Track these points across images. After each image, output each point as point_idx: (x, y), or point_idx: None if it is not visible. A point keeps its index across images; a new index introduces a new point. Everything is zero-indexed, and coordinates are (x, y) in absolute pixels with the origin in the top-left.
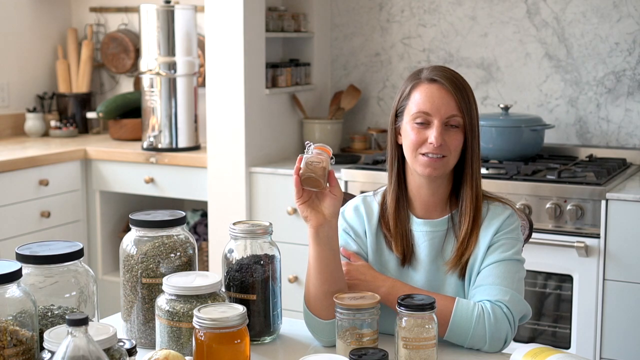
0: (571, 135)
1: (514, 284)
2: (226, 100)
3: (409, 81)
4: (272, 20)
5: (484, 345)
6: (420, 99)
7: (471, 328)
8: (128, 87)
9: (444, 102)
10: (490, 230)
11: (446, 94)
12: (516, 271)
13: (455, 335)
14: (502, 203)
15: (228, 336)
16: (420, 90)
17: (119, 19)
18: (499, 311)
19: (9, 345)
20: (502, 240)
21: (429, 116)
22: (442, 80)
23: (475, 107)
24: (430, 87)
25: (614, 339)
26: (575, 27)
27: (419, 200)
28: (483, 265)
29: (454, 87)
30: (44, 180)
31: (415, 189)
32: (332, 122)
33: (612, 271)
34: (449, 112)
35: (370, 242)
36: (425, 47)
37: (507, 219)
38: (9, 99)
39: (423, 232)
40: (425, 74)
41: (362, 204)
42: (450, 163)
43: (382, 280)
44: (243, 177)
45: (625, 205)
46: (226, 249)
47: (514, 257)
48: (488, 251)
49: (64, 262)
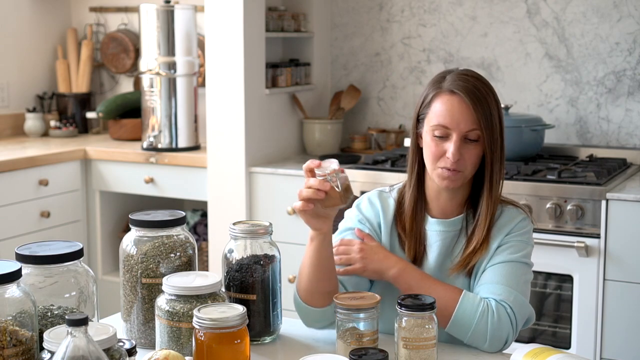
0: (571, 135)
1: (519, 286)
2: (226, 100)
3: (432, 88)
4: (272, 20)
5: (483, 343)
6: (439, 112)
7: (473, 324)
8: (128, 87)
9: (464, 117)
10: (502, 231)
11: (466, 108)
12: (522, 274)
13: (457, 328)
14: (516, 207)
15: (228, 336)
16: (440, 102)
17: (119, 18)
18: (502, 311)
19: (9, 346)
20: (512, 242)
21: (448, 130)
22: (462, 93)
23: (499, 116)
24: (450, 99)
25: (614, 339)
26: (575, 27)
27: (436, 203)
28: (490, 263)
29: (475, 99)
30: (43, 180)
31: (433, 193)
32: (332, 122)
33: (612, 271)
34: (468, 127)
35: (384, 237)
36: (425, 47)
37: (520, 222)
38: (9, 99)
39: (436, 232)
40: (447, 83)
41: (378, 198)
42: (468, 175)
43: (394, 262)
44: (243, 177)
45: (625, 205)
46: (226, 249)
47: (522, 259)
48: (497, 251)
49: (64, 262)
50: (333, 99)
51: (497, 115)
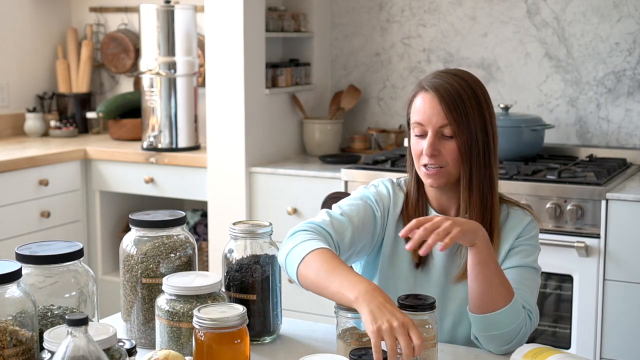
0: (571, 135)
1: (534, 292)
2: (226, 100)
3: (414, 88)
4: (272, 20)
5: (500, 346)
6: (415, 110)
7: (508, 329)
8: (128, 87)
9: (435, 112)
10: (512, 234)
11: (437, 104)
12: (533, 278)
13: (488, 322)
14: (522, 208)
15: (228, 336)
16: (417, 100)
17: (119, 19)
18: (528, 320)
19: (9, 346)
20: (523, 245)
21: (423, 126)
22: (432, 89)
23: (482, 114)
24: (424, 96)
25: (614, 339)
26: (575, 27)
27: (436, 202)
28: (504, 267)
29: (445, 95)
30: (44, 180)
31: (431, 193)
32: (332, 122)
33: (612, 271)
34: (440, 122)
35: (390, 228)
36: (425, 47)
37: (529, 224)
38: (9, 99)
39: None
40: (424, 81)
41: (392, 188)
42: (452, 172)
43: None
44: (243, 177)
45: (625, 205)
46: (226, 249)
47: (533, 264)
48: (508, 254)
49: (64, 262)
50: (333, 99)
51: (476, 113)
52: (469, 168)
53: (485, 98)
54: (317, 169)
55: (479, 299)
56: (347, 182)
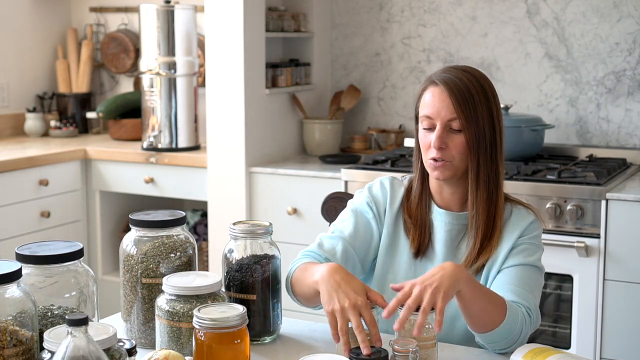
0: (571, 135)
1: (535, 291)
2: (226, 100)
3: (423, 83)
4: (272, 20)
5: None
6: (424, 103)
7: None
8: (128, 87)
9: (444, 106)
10: (514, 232)
11: (446, 98)
12: (535, 277)
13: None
14: (526, 207)
15: (228, 336)
16: (426, 94)
17: (119, 19)
18: (528, 319)
19: (9, 345)
20: (525, 244)
21: (432, 120)
22: (442, 83)
23: (490, 110)
24: (433, 90)
25: (614, 339)
26: (575, 27)
27: (440, 197)
28: (506, 265)
29: (455, 89)
30: (43, 180)
31: (436, 187)
32: (332, 122)
33: (612, 271)
34: (448, 116)
35: (388, 223)
36: (425, 47)
37: (531, 224)
38: (9, 99)
39: (442, 223)
40: (434, 76)
41: (390, 184)
42: (458, 166)
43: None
44: (243, 177)
45: (625, 205)
46: (226, 249)
47: (535, 263)
48: (511, 253)
49: (64, 262)
50: (333, 99)
51: (485, 108)
52: (477, 162)
53: (493, 95)
54: (317, 169)
55: (478, 325)
56: (347, 182)
